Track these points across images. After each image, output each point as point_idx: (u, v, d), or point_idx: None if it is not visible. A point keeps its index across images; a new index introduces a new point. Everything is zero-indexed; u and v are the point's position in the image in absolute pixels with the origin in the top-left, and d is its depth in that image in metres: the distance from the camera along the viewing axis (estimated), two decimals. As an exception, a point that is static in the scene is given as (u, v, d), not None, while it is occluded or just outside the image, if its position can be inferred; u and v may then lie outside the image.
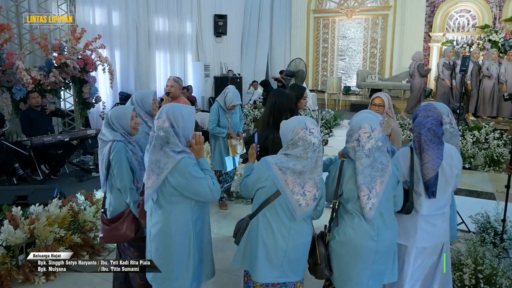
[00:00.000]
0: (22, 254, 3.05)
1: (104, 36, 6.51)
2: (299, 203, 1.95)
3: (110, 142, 2.26)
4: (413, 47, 11.24)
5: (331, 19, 12.62)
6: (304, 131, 1.93)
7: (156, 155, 1.94)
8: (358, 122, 2.03)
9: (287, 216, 2.00)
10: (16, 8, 5.64)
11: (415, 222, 2.18)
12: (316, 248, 2.08)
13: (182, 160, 1.93)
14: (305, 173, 1.94)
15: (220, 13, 10.64)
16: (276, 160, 1.98)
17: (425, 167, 2.09)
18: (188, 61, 10.00)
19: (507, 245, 3.43)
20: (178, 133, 1.95)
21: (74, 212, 3.44)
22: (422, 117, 2.14)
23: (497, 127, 6.73)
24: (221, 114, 4.25)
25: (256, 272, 2.03)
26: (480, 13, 10.46)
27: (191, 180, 1.93)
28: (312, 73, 13.08)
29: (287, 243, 2.00)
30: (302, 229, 2.03)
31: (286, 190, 1.95)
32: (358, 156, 1.97)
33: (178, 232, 2.00)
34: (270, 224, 2.01)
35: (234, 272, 3.12)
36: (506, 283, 2.72)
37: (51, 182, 5.04)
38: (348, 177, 2.03)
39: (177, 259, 2.02)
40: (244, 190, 2.17)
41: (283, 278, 2.04)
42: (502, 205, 3.63)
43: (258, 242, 2.03)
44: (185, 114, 1.99)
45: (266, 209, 2.02)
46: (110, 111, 2.37)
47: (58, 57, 5.43)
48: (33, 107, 5.23)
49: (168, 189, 1.95)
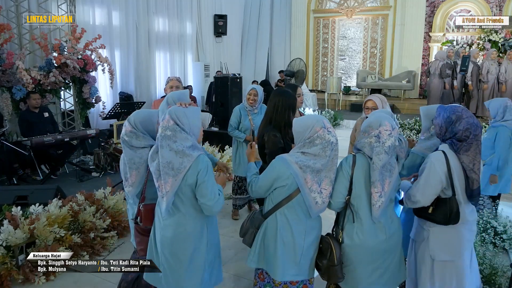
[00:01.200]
0: (22, 254, 3.05)
1: (104, 36, 6.52)
2: (316, 200, 1.98)
3: (146, 148, 2.09)
4: (413, 47, 11.26)
5: (331, 19, 12.62)
6: (323, 129, 1.95)
7: (166, 157, 1.86)
8: (378, 119, 2.00)
9: (304, 214, 2.04)
10: (16, 8, 5.64)
11: (458, 232, 2.07)
12: (330, 250, 2.04)
13: (199, 157, 1.88)
14: (323, 171, 1.96)
15: (220, 13, 10.64)
16: (295, 158, 1.98)
17: (476, 172, 1.99)
18: (188, 61, 10.00)
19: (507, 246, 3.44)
20: (184, 129, 1.90)
21: (74, 212, 3.44)
22: (469, 117, 2.02)
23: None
24: (243, 115, 3.92)
25: (276, 270, 2.05)
26: (480, 13, 10.45)
27: (205, 178, 1.88)
28: (312, 73, 13.08)
29: (305, 240, 2.04)
30: (315, 225, 2.09)
31: (305, 188, 1.97)
32: (376, 152, 1.94)
33: (196, 235, 1.96)
34: (289, 223, 2.03)
35: (234, 272, 3.12)
36: (506, 283, 2.72)
37: (51, 182, 5.03)
38: (359, 172, 2.00)
39: (192, 263, 1.97)
40: (258, 190, 2.11)
41: (300, 276, 2.08)
42: (502, 205, 3.63)
43: (277, 241, 2.04)
44: (188, 112, 1.95)
45: (285, 208, 2.03)
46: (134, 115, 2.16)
47: (58, 57, 5.43)
48: (32, 108, 5.21)
49: (184, 189, 1.90)
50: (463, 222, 2.04)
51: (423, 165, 2.09)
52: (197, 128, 1.98)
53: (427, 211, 2.07)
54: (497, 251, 3.35)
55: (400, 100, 10.88)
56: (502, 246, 3.43)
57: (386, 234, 2.02)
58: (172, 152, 1.86)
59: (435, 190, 2.02)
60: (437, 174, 1.99)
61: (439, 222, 2.04)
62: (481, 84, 8.28)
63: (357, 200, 2.01)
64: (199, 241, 1.98)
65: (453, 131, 2.02)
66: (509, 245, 3.44)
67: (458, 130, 2.00)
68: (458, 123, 2.00)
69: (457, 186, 2.01)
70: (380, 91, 11.55)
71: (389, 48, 11.80)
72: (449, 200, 2.01)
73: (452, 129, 2.02)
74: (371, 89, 11.45)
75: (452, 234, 2.06)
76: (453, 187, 2.00)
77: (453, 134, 2.02)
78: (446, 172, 1.99)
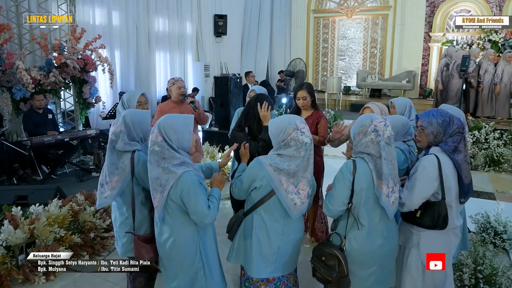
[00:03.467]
0: (22, 254, 3.05)
1: (104, 36, 6.51)
2: (294, 202, 1.98)
3: (129, 153, 2.08)
4: (413, 47, 11.25)
5: (331, 19, 12.61)
6: (296, 131, 1.96)
7: (154, 172, 1.88)
8: (367, 117, 2.00)
9: (281, 215, 2.05)
10: (16, 8, 5.64)
11: (448, 238, 2.08)
12: (339, 262, 2.00)
13: (183, 175, 1.86)
14: (299, 172, 1.97)
15: (220, 13, 10.63)
16: (270, 160, 1.99)
17: (467, 168, 2.01)
18: (188, 61, 9.99)
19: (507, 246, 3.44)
20: (173, 146, 1.88)
21: (74, 212, 3.44)
22: (457, 119, 2.06)
23: (497, 127, 6.73)
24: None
25: (251, 268, 2.09)
26: (480, 13, 10.44)
27: (190, 196, 1.86)
28: (312, 73, 13.08)
29: (281, 240, 2.06)
30: (295, 226, 2.10)
31: (281, 190, 1.97)
32: (382, 146, 1.92)
33: (186, 246, 1.95)
34: (265, 223, 2.05)
35: (234, 272, 3.12)
36: (506, 283, 2.73)
37: (51, 182, 5.03)
38: (360, 178, 1.96)
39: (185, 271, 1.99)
40: (238, 191, 2.16)
41: (276, 273, 2.11)
42: (502, 205, 3.63)
43: (252, 240, 2.08)
44: (176, 126, 1.90)
45: (261, 208, 2.05)
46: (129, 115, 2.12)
47: (58, 57, 5.43)
48: (36, 109, 5.22)
49: (170, 204, 1.91)
50: (452, 227, 2.05)
51: (414, 168, 2.07)
52: (187, 142, 1.94)
53: (415, 215, 2.05)
54: (497, 251, 3.35)
55: (400, 100, 10.87)
56: (502, 246, 3.43)
57: (383, 237, 2.01)
58: (160, 168, 1.87)
59: (425, 194, 2.01)
60: (429, 178, 1.98)
61: (427, 226, 2.03)
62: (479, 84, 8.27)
63: (359, 206, 1.99)
64: (191, 250, 1.97)
65: (450, 132, 2.02)
66: (509, 245, 3.44)
67: (454, 129, 2.03)
68: (452, 122, 2.03)
69: (450, 189, 2.00)
70: (380, 91, 11.55)
71: (389, 48, 11.79)
72: (438, 204, 1.99)
73: (449, 130, 2.03)
74: (371, 89, 11.45)
75: (443, 239, 2.06)
76: (443, 190, 1.99)
77: (449, 135, 2.03)
78: (438, 176, 1.98)
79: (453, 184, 2.01)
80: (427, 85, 11.43)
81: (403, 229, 2.18)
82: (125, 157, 2.07)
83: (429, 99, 10.86)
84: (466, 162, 2.03)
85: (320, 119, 3.34)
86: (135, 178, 2.08)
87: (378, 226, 2.00)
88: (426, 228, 2.03)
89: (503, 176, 5.73)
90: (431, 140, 2.07)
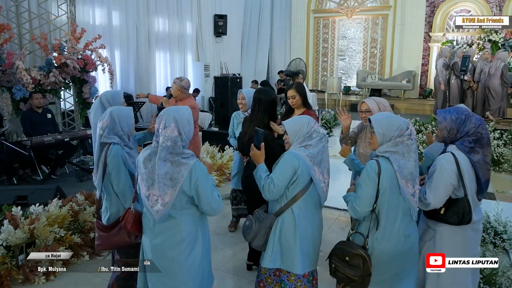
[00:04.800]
0: (22, 254, 3.05)
1: (104, 36, 6.51)
2: (324, 190, 2.13)
3: (106, 145, 2.19)
4: (413, 47, 11.26)
5: (331, 19, 12.62)
6: (316, 124, 2.15)
7: (163, 168, 1.85)
8: (402, 120, 2.02)
9: (315, 206, 2.16)
10: (16, 8, 5.64)
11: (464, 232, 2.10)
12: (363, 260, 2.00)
13: (195, 165, 1.87)
14: (322, 161, 2.10)
15: (220, 13, 10.64)
16: (305, 152, 2.08)
17: (485, 168, 2.04)
18: (188, 61, 10.00)
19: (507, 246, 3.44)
20: (185, 139, 1.90)
21: (74, 212, 3.44)
22: (476, 119, 2.07)
23: (497, 127, 6.73)
24: (235, 124, 3.75)
25: (295, 265, 2.11)
26: (480, 13, 10.45)
27: (205, 185, 1.87)
28: (312, 73, 13.08)
29: (319, 231, 2.20)
30: (321, 217, 2.23)
31: (317, 179, 2.09)
32: (414, 148, 1.98)
33: (190, 240, 1.94)
34: (305, 216, 2.11)
35: (233, 272, 3.12)
36: (506, 283, 2.73)
37: (51, 182, 5.03)
38: (385, 178, 1.96)
39: (189, 267, 1.95)
40: (273, 191, 2.09)
41: (312, 266, 2.18)
42: (502, 205, 3.63)
43: (296, 236, 2.09)
44: (189, 117, 1.95)
45: (300, 201, 2.10)
46: (115, 110, 2.25)
47: (58, 57, 5.43)
48: (35, 108, 5.22)
49: (180, 197, 1.88)
50: (472, 221, 2.07)
51: (433, 168, 2.10)
52: (191, 133, 1.98)
53: (439, 212, 2.09)
54: (497, 251, 3.35)
55: (400, 100, 10.88)
56: (502, 246, 3.43)
57: (405, 237, 2.02)
58: (168, 163, 1.85)
59: (446, 191, 2.04)
60: (448, 175, 2.02)
61: (452, 222, 2.07)
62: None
63: (381, 206, 2.00)
64: (195, 245, 1.96)
65: (465, 130, 2.05)
66: (509, 245, 3.44)
67: (470, 128, 2.04)
68: (469, 121, 2.05)
69: (468, 186, 2.03)
70: (380, 91, 11.55)
71: (389, 48, 11.80)
72: (461, 201, 2.04)
73: (463, 128, 2.05)
74: (371, 89, 11.45)
75: (458, 234, 2.10)
76: (464, 187, 2.03)
77: (465, 133, 2.05)
78: (457, 172, 2.02)
79: (471, 181, 2.05)
80: (427, 85, 11.44)
81: (421, 224, 2.24)
82: (104, 149, 2.21)
83: (429, 99, 10.87)
84: (485, 162, 2.06)
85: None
86: (107, 169, 2.18)
87: (400, 225, 2.01)
88: (452, 224, 2.07)
89: (503, 176, 5.73)
90: (445, 136, 2.12)
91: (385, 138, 2.00)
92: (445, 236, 2.10)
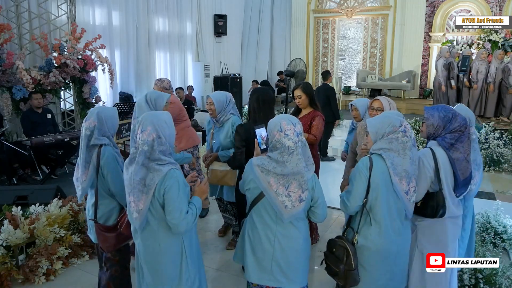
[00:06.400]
0: (22, 254, 3.05)
1: (104, 36, 6.52)
2: (285, 204, 1.90)
3: (96, 147, 2.15)
4: (413, 47, 11.24)
5: (331, 19, 12.61)
6: (279, 133, 1.89)
7: (139, 174, 1.81)
8: (395, 116, 2.03)
9: (272, 219, 1.97)
10: (16, 8, 5.64)
11: (444, 226, 2.14)
12: (347, 254, 2.01)
13: (169, 173, 1.82)
14: (288, 174, 1.89)
15: (220, 13, 10.64)
16: (259, 161, 1.96)
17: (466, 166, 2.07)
18: (188, 61, 10.00)
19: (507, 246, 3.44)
20: (165, 143, 1.84)
21: (74, 212, 3.44)
22: (462, 118, 2.11)
23: (497, 127, 6.73)
24: (207, 130, 3.63)
25: (247, 270, 2.06)
26: (480, 13, 10.44)
27: (172, 193, 1.80)
28: (312, 73, 13.07)
29: (273, 246, 1.97)
30: (289, 233, 1.97)
31: (269, 191, 1.91)
32: (409, 146, 1.97)
33: (172, 251, 1.90)
34: (256, 226, 2.01)
35: (233, 272, 3.12)
36: (506, 283, 2.72)
37: (51, 182, 5.03)
38: (376, 174, 1.98)
39: (172, 277, 1.92)
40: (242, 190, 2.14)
41: (274, 283, 1.99)
42: (502, 205, 3.63)
43: (245, 242, 2.06)
44: (168, 120, 1.90)
45: (252, 211, 2.03)
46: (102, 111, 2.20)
47: (58, 57, 5.43)
48: (35, 108, 5.22)
49: (155, 204, 1.83)
50: (449, 216, 2.11)
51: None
52: (173, 137, 1.93)
53: (416, 205, 2.13)
54: (497, 251, 3.35)
55: (400, 100, 10.87)
56: (502, 246, 3.43)
57: (396, 235, 2.03)
58: (144, 168, 1.81)
59: (426, 185, 2.10)
60: (426, 169, 2.08)
61: (428, 215, 2.11)
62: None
63: (374, 202, 2.00)
64: (177, 256, 1.91)
65: (450, 128, 2.09)
66: (509, 245, 3.44)
67: (455, 126, 2.08)
68: (455, 120, 2.09)
69: (444, 180, 2.07)
70: (380, 91, 11.54)
71: (389, 48, 11.79)
72: (436, 194, 2.08)
73: (449, 126, 2.09)
74: (371, 89, 11.45)
75: (438, 227, 2.14)
76: (439, 181, 2.07)
77: (449, 131, 2.09)
78: (434, 167, 2.07)
79: (447, 176, 2.09)
80: (427, 85, 11.43)
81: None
82: (94, 151, 2.17)
83: (429, 99, 10.86)
84: (465, 161, 2.08)
85: (314, 118, 3.30)
86: (101, 170, 2.15)
87: (393, 223, 2.01)
88: (427, 217, 2.12)
89: (503, 176, 5.73)
90: (430, 132, 2.15)
91: (378, 135, 2.02)
92: (426, 230, 2.15)
